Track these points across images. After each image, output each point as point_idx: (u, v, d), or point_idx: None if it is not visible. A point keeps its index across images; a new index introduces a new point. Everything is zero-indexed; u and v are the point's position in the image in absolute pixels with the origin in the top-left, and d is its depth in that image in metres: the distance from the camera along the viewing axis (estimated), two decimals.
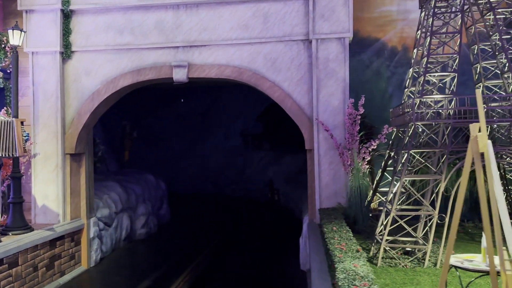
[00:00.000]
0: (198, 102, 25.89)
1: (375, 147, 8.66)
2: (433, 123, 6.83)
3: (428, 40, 7.18)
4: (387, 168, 8.86)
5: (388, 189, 9.23)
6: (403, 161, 6.98)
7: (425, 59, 7.14)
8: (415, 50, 8.44)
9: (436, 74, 7.25)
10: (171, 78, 10.25)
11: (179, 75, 10.14)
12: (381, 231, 6.91)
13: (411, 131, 6.94)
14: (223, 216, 19.04)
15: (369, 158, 8.89)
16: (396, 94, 9.71)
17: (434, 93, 7.60)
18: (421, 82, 7.07)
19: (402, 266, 6.37)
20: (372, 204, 9.32)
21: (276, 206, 20.15)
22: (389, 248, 6.64)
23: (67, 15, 10.42)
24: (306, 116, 9.73)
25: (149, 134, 24.38)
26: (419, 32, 8.24)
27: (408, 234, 6.93)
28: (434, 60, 7.49)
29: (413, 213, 6.72)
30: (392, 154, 8.52)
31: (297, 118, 9.80)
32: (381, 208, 9.24)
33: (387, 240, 6.78)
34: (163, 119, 25.82)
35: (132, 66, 10.38)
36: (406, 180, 6.77)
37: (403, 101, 8.86)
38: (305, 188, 17.43)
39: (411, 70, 8.58)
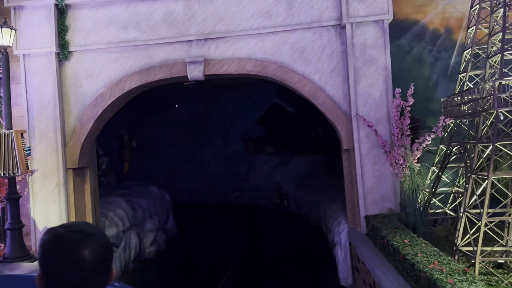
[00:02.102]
0: (193, 107, 24.64)
1: (429, 142, 7.56)
2: None
3: (502, 12, 6.11)
4: (448, 165, 7.75)
5: (447, 189, 8.15)
6: (484, 156, 5.87)
7: (500, 34, 6.07)
8: (471, 29, 7.38)
9: None
10: (186, 77, 9.04)
11: (195, 73, 8.93)
12: (463, 241, 5.78)
13: (490, 120, 5.85)
14: (231, 226, 17.77)
15: (419, 155, 7.79)
16: (441, 82, 8.64)
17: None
18: (497, 62, 5.99)
19: (507, 284, 5.25)
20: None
21: (286, 213, 18.94)
22: (483, 263, 5.51)
23: (62, 11, 9.13)
24: (341, 111, 8.60)
25: (143, 143, 23.02)
26: (477, 6, 7.18)
27: (489, 243, 5.84)
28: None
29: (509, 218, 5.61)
30: (453, 149, 7.41)
31: (331, 114, 8.67)
32: (437, 211, 8.14)
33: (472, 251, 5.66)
34: (157, 127, 24.50)
35: (140, 65, 9.14)
36: (495, 179, 5.66)
37: (458, 88, 7.80)
38: (322, 192, 16.41)
39: (465, 52, 7.52)
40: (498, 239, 5.77)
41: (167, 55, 9.04)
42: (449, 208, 8.22)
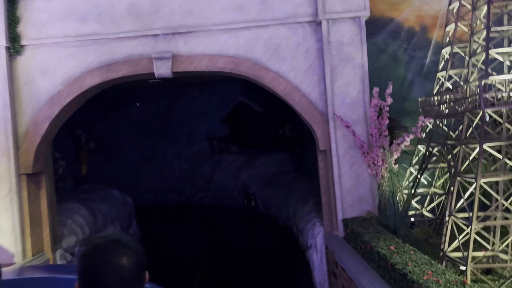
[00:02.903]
0: (155, 105, 23.78)
1: (408, 143, 7.36)
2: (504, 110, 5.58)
3: (486, 9, 5.93)
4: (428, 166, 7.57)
5: (423, 191, 7.99)
6: (470, 158, 5.68)
7: (484, 32, 5.90)
8: (449, 27, 7.22)
9: (502, 50, 6.00)
10: (152, 74, 8.43)
11: (162, 70, 8.34)
12: (450, 246, 5.57)
13: (476, 121, 5.67)
14: (197, 228, 17.20)
15: (397, 156, 7.59)
16: (416, 81, 8.51)
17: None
18: (480, 60, 5.81)
19: None
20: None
21: (254, 213, 18.56)
22: (475, 270, 5.30)
23: (12, 0, 8.28)
24: (318, 111, 8.28)
25: (102, 144, 21.94)
26: (456, 4, 7.02)
27: (476, 248, 5.67)
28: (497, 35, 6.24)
29: (501, 223, 5.43)
30: (433, 150, 7.24)
31: (307, 114, 8.33)
32: (414, 212, 7.98)
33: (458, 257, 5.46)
34: (117, 127, 23.45)
35: (101, 60, 8.44)
36: (483, 183, 5.46)
37: (436, 87, 7.64)
38: (290, 191, 16.09)
39: (444, 50, 7.36)
40: (485, 243, 5.60)
41: (131, 50, 8.39)
42: (426, 209, 8.07)
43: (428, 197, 8.06)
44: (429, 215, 7.91)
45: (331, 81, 8.01)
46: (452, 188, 5.83)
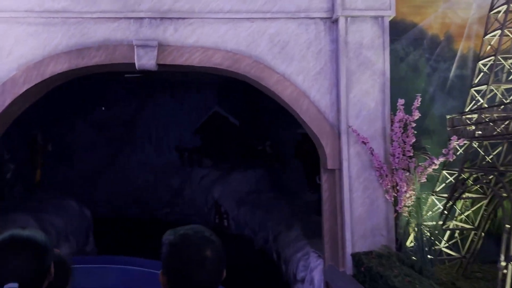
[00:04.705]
0: (119, 108, 22.04)
1: (437, 167, 6.24)
2: None
3: None
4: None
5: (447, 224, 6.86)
6: None
7: None
8: (491, 35, 6.22)
9: None
10: (132, 64, 6.97)
11: (144, 60, 6.90)
12: None
13: None
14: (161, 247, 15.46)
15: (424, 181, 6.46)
16: (438, 96, 7.49)
17: None
18: None
19: None
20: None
21: (227, 234, 16.98)
22: None
23: None
24: (327, 122, 7.06)
25: (59, 146, 19.87)
26: (502, 8, 6.03)
27: None
28: None
29: None
30: (470, 176, 6.13)
31: (315, 126, 7.09)
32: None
33: None
34: (75, 128, 21.49)
35: (70, 43, 6.91)
36: None
37: (469, 104, 6.59)
38: (269, 212, 14.74)
39: (481, 62, 6.35)
40: None
41: (108, 33, 6.91)
42: (445, 246, 6.95)
43: (448, 231, 6.94)
44: (452, 253, 6.77)
45: (346, 89, 6.83)
46: (508, 226, 4.69)
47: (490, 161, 6.09)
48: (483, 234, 6.53)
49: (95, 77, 11.29)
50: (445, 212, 6.37)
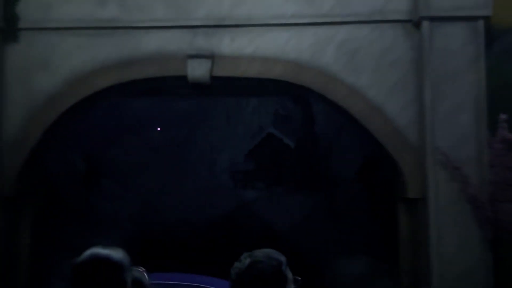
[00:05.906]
0: (175, 130, 21.94)
1: None
2: None
3: None
4: None
5: None
6: None
7: None
8: None
9: None
10: (184, 77, 6.32)
11: (198, 72, 6.24)
12: None
13: None
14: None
15: None
16: None
17: None
18: None
19: None
20: None
21: None
22: None
23: None
24: (407, 142, 6.00)
25: (112, 170, 19.90)
26: None
27: None
28: None
29: None
30: None
31: (391, 146, 6.05)
32: None
33: None
34: (131, 151, 21.54)
35: (119, 56, 6.39)
36: None
37: None
38: (327, 243, 13.64)
39: None
40: None
41: (160, 44, 6.33)
42: None
43: None
44: None
45: (431, 104, 5.77)
46: None
47: None
48: None
49: (150, 99, 10.91)
50: None
